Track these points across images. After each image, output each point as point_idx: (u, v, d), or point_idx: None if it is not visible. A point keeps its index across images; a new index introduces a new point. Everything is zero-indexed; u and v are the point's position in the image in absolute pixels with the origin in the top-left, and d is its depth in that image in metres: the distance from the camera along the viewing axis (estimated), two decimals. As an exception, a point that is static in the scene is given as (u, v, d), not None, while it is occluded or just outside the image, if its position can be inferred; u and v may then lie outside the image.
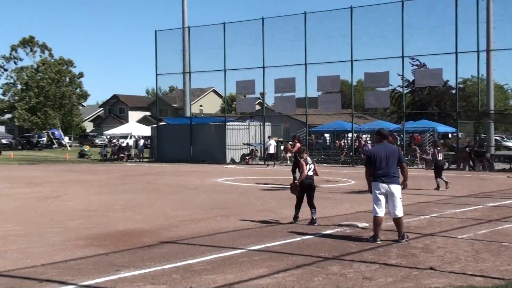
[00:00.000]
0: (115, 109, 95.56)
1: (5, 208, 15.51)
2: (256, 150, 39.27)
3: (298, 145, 22.96)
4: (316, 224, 12.13)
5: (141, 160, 43.67)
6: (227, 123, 39.77)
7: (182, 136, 40.60)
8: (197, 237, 10.96)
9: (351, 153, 36.97)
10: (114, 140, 52.94)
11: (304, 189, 12.40)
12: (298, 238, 10.71)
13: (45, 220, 13.25)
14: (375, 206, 10.22)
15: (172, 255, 9.24)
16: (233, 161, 38.52)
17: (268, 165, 35.17)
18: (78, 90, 72.70)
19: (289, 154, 32.54)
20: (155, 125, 45.01)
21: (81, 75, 73.61)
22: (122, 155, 44.76)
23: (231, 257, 9.08)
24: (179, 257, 9.09)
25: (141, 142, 45.76)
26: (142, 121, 73.68)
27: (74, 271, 8.24)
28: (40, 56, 73.80)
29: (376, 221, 10.22)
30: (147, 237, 11.01)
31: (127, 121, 79.02)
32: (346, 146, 41.28)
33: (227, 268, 8.35)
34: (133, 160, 43.76)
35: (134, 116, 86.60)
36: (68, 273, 8.12)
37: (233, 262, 8.71)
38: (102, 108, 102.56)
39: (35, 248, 10.00)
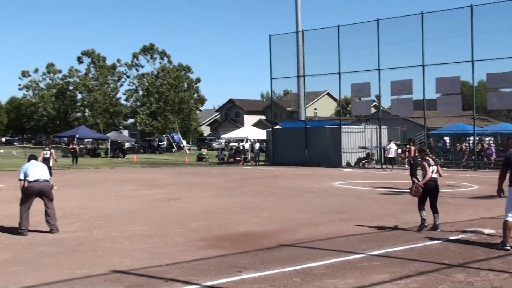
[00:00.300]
0: (231, 113, 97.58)
1: (131, 209, 16.21)
2: (373, 153, 38.64)
3: (413, 148, 22.42)
4: (439, 230, 11.74)
5: (257, 163, 44.26)
6: (342, 126, 39.45)
7: (297, 140, 40.72)
8: (315, 240, 10.93)
9: (473, 157, 35.51)
10: (235, 143, 53.96)
11: (427, 192, 12.00)
12: (420, 244, 10.42)
13: (168, 221, 13.72)
14: (507, 210, 9.72)
15: (291, 258, 9.28)
16: (348, 165, 38.14)
17: (386, 168, 34.50)
18: (195, 95, 74.92)
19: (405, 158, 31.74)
20: (270, 128, 45.47)
21: (198, 80, 75.82)
22: (239, 158, 45.57)
23: (351, 262, 8.98)
24: (298, 260, 9.11)
25: (257, 145, 46.42)
26: (257, 124, 74.67)
27: (197, 271, 8.48)
28: (160, 62, 76.88)
29: (507, 225, 9.72)
30: (266, 239, 11.12)
31: (242, 125, 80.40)
32: (468, 149, 39.67)
33: (347, 272, 8.27)
34: (249, 163, 44.43)
35: (249, 120, 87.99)
36: (191, 273, 8.36)
37: (353, 267, 8.62)
38: (218, 113, 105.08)
39: (160, 248, 10.38)
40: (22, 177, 12.02)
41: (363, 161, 37.82)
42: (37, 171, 12.09)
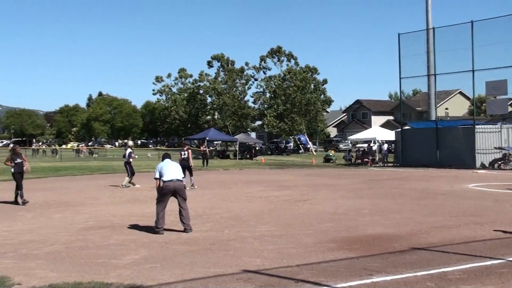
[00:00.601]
0: (358, 114, 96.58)
1: (260, 210, 16.45)
2: (510, 154, 36.69)
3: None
4: None
5: (385, 164, 43.46)
6: (476, 126, 37.81)
7: (427, 140, 39.54)
8: (449, 244, 10.54)
9: None
10: (363, 145, 53.32)
11: None
12: None
13: (297, 222, 13.78)
14: None
15: (424, 262, 9.01)
16: (483, 166, 36.47)
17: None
18: (322, 96, 74.97)
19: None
20: (399, 129, 44.47)
21: (325, 81, 75.83)
22: (367, 159, 44.98)
23: (489, 267, 8.58)
24: (431, 264, 8.83)
25: (385, 146, 45.62)
26: (385, 125, 73.40)
27: (327, 272, 8.45)
28: (287, 65, 77.68)
29: None
30: (397, 242, 10.88)
31: (370, 126, 79.30)
32: None
33: (485, 278, 7.91)
34: (377, 165, 43.71)
35: (377, 120, 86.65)
36: (321, 274, 8.35)
37: (491, 273, 8.23)
38: (345, 114, 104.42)
39: (289, 249, 10.45)
40: (157, 175, 12.54)
41: (499, 162, 36.01)
42: (171, 171, 12.55)
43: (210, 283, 7.98)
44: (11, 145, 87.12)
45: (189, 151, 25.47)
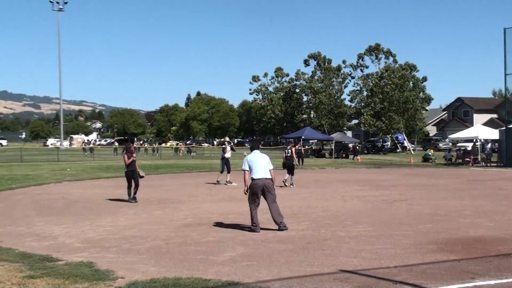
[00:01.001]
0: (459, 112, 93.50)
1: (357, 209, 16.27)
2: None
3: None
4: None
5: (488, 164, 41.84)
6: None
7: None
8: (559, 249, 10.02)
9: None
10: (464, 144, 51.66)
11: None
12: None
13: (395, 223, 13.53)
14: None
15: (531, 267, 8.61)
16: None
17: None
18: (421, 94, 73.10)
19: None
20: (503, 128, 42.67)
21: (424, 79, 73.94)
22: (468, 159, 43.51)
23: None
24: (540, 269, 8.42)
25: (488, 145, 43.96)
26: (488, 123, 70.72)
27: (426, 275, 8.23)
28: (385, 62, 76.34)
29: None
30: (502, 245, 10.45)
31: (471, 124, 76.58)
32: None
33: None
34: (479, 165, 42.17)
35: (479, 119, 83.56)
36: (421, 276, 8.14)
37: None
38: (445, 112, 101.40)
39: (387, 249, 10.26)
40: (246, 167, 12.58)
41: None
42: (260, 167, 12.50)
43: (307, 282, 7.96)
44: (116, 143, 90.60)
45: (293, 149, 25.42)
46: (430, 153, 51.56)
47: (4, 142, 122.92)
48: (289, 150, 24.92)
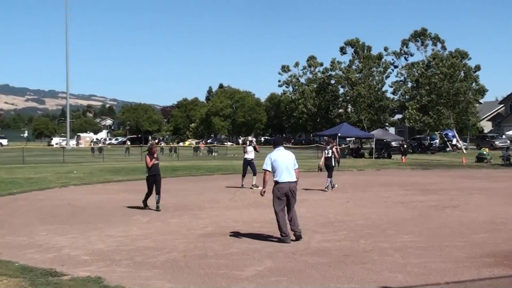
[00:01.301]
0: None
1: (401, 217, 16.13)
2: None
3: None
4: None
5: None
6: None
7: None
8: None
9: None
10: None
11: None
12: None
13: (445, 232, 13.38)
14: None
15: None
16: None
17: None
18: (474, 85, 72.25)
19: None
20: None
21: (477, 68, 73.04)
22: (529, 159, 42.99)
23: None
24: None
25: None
26: (552, 118, 69.71)
27: (483, 293, 8.09)
28: (432, 49, 75.58)
29: None
30: None
31: (533, 119, 75.67)
32: None
33: None
34: (542, 165, 41.63)
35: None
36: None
37: None
38: (502, 105, 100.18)
39: (437, 263, 10.14)
40: (268, 168, 12.51)
41: None
42: (285, 168, 12.44)
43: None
44: (128, 142, 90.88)
45: (334, 149, 25.27)
46: (485, 152, 50.94)
47: (4, 142, 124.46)
48: (329, 151, 24.83)
